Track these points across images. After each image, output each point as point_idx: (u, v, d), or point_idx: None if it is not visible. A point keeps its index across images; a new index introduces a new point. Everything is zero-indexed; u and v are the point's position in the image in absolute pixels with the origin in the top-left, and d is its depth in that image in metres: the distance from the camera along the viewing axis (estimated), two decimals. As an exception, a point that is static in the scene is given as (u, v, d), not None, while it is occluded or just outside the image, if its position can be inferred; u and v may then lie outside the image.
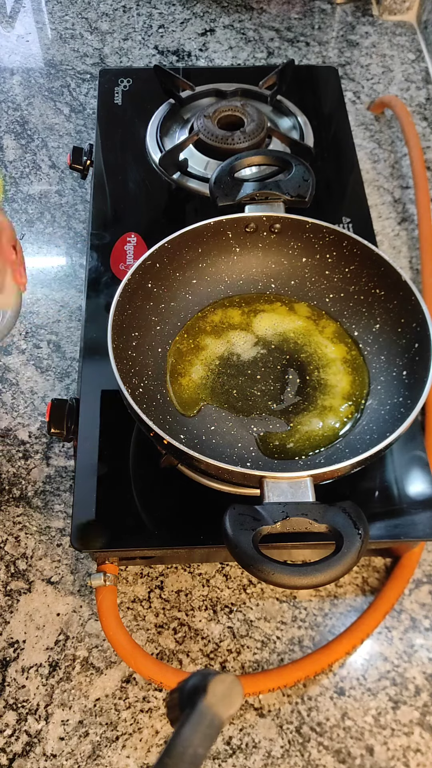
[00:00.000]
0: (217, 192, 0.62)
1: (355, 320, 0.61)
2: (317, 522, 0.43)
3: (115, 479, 0.56)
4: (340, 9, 1.06)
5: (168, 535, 0.54)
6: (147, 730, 0.53)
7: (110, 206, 0.73)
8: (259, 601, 0.58)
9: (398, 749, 0.53)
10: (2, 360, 0.72)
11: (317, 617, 0.58)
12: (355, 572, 0.60)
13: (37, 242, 0.81)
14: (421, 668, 0.56)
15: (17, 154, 0.88)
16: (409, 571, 0.58)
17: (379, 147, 0.90)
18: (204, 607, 0.58)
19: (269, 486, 0.45)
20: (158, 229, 0.65)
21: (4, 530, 0.62)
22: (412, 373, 0.54)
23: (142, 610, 0.58)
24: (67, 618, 0.58)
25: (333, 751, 0.53)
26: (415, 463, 0.57)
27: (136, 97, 0.83)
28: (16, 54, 1.00)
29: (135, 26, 1.03)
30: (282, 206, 0.61)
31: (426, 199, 0.80)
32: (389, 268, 0.57)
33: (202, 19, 1.04)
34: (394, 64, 0.99)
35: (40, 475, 0.65)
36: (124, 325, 0.55)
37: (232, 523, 0.42)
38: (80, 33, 1.02)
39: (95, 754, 0.52)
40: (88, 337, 0.63)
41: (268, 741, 0.53)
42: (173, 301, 0.61)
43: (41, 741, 0.53)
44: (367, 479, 0.57)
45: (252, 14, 1.05)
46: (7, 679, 0.55)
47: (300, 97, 0.83)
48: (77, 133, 0.90)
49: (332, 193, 0.75)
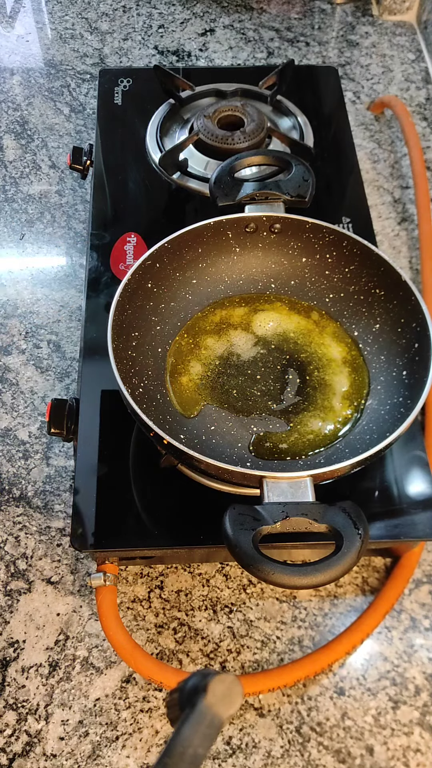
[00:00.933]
0: (217, 192, 0.62)
1: (355, 320, 0.61)
2: (317, 522, 0.43)
3: (115, 479, 0.56)
4: (340, 9, 1.06)
5: (168, 535, 0.54)
6: (147, 730, 0.53)
7: (110, 206, 0.73)
8: (259, 601, 0.58)
9: (398, 749, 0.53)
10: (2, 360, 0.72)
11: (317, 617, 0.58)
12: (355, 572, 0.60)
13: (37, 242, 0.81)
14: (421, 668, 0.56)
15: (17, 154, 0.88)
16: (409, 571, 0.58)
17: (379, 147, 0.90)
18: (204, 607, 0.58)
19: (269, 486, 0.45)
20: (158, 229, 0.65)
21: (4, 530, 0.62)
22: (412, 373, 0.54)
23: (142, 610, 0.58)
24: (67, 618, 0.58)
25: (333, 751, 0.53)
26: (415, 463, 0.57)
27: (136, 97, 0.83)
28: (16, 54, 1.00)
29: (135, 26, 1.03)
30: (282, 206, 0.61)
31: (426, 199, 0.80)
32: (389, 268, 0.57)
33: (202, 19, 1.04)
34: (394, 64, 0.99)
35: (40, 475, 0.65)
36: (124, 325, 0.55)
37: (232, 523, 0.42)
38: (80, 33, 1.02)
39: (95, 754, 0.52)
40: (88, 337, 0.63)
41: (268, 741, 0.53)
42: (173, 301, 0.61)
43: (41, 741, 0.53)
44: (367, 479, 0.57)
45: (252, 14, 1.05)
46: (7, 679, 0.55)
47: (300, 97, 0.83)
48: (77, 133, 0.90)
49: (332, 193, 0.75)
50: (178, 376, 0.59)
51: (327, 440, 0.55)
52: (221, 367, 0.59)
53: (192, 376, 0.59)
